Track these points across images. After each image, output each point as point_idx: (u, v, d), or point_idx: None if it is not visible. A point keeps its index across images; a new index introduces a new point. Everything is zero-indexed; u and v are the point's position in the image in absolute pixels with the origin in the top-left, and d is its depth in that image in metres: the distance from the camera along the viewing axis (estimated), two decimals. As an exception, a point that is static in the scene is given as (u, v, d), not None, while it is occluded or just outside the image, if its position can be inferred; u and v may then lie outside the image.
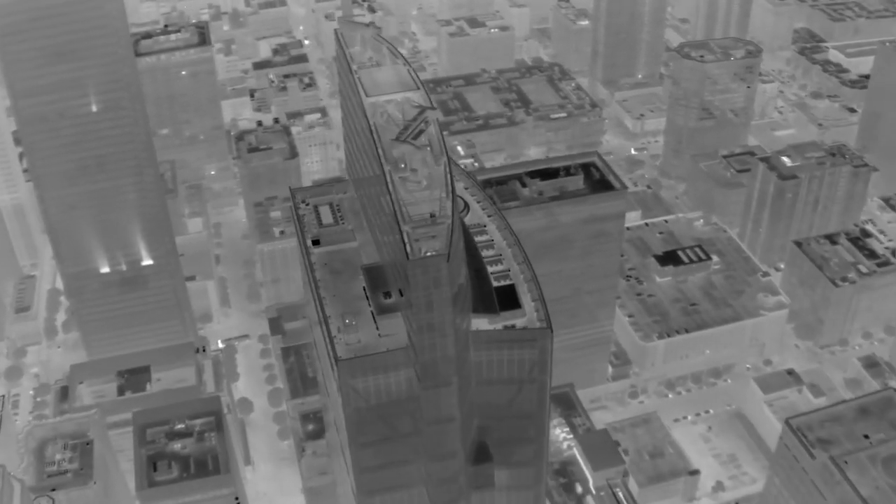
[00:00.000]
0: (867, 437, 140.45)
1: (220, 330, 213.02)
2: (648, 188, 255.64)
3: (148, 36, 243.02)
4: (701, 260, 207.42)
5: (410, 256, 79.48)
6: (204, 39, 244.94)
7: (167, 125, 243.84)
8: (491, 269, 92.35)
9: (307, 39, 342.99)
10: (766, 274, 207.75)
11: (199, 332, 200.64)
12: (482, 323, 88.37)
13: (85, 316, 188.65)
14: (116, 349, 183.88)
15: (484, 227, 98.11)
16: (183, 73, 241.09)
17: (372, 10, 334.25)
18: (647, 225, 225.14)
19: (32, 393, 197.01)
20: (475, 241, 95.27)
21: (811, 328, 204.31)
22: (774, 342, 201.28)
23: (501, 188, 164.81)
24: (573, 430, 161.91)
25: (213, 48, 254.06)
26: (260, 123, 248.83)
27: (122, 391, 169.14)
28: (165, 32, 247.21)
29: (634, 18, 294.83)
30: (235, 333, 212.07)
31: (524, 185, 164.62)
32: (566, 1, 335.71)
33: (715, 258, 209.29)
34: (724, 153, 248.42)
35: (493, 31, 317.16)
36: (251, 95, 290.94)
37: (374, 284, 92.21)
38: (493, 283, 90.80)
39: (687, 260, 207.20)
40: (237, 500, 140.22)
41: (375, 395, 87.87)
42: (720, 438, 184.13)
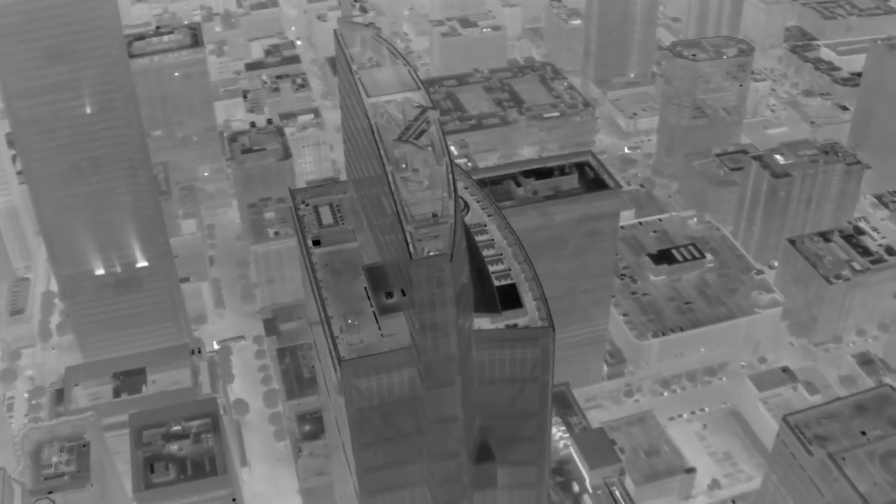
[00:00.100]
0: (864, 433, 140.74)
1: (214, 331, 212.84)
2: (642, 187, 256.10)
3: (141, 37, 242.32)
4: (695, 258, 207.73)
5: (414, 256, 79.49)
6: (197, 41, 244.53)
7: (160, 127, 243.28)
8: (492, 268, 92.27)
9: (299, 40, 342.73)
10: (759, 272, 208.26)
11: (193, 333, 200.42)
12: (484, 322, 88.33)
13: (80, 318, 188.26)
14: (111, 351, 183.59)
15: (484, 226, 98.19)
16: (176, 74, 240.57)
17: (364, 10, 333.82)
18: (640, 224, 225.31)
19: (27, 395, 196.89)
20: (476, 240, 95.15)
21: (805, 326, 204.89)
22: (769, 340, 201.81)
23: (496, 188, 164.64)
24: (569, 429, 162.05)
25: (205, 49, 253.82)
26: (253, 124, 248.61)
27: (117, 393, 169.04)
28: (158, 34, 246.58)
29: (626, 18, 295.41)
30: (230, 335, 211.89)
31: (519, 184, 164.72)
32: (558, 0, 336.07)
33: (709, 256, 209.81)
34: (716, 152, 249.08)
35: (485, 30, 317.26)
36: (244, 96, 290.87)
37: (375, 284, 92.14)
38: (494, 282, 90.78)
39: (681, 258, 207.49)
40: (234, 501, 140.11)
41: (378, 394, 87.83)
42: (715, 436, 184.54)
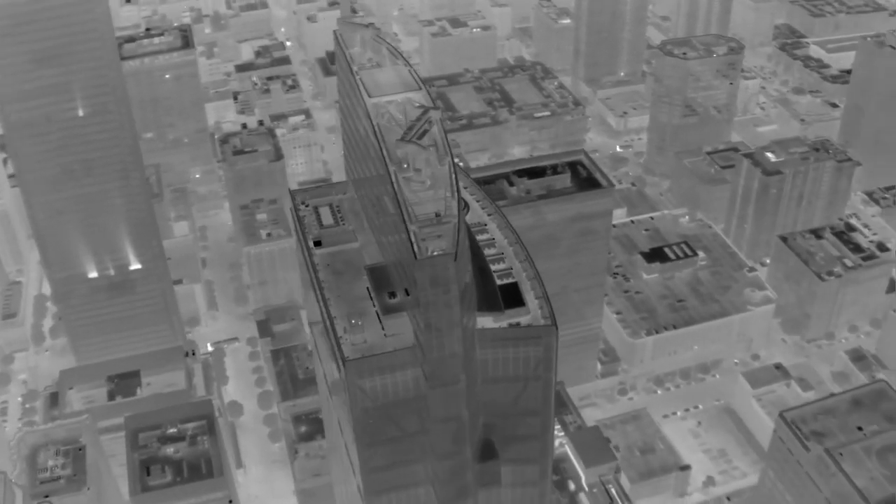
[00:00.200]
0: (861, 429, 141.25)
1: (207, 333, 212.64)
2: (633, 185, 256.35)
3: (131, 39, 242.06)
4: (687, 256, 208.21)
5: (418, 256, 79.57)
6: (187, 42, 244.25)
7: (151, 129, 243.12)
8: (493, 267, 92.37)
9: (289, 41, 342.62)
10: (752, 269, 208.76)
11: (187, 335, 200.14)
12: (487, 321, 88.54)
13: (73, 321, 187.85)
14: (105, 354, 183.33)
15: (485, 225, 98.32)
16: (167, 76, 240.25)
17: (353, 10, 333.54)
18: (632, 222, 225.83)
19: (21, 399, 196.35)
20: (477, 239, 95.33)
21: (798, 322, 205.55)
22: (762, 337, 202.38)
23: (489, 187, 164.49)
24: (564, 427, 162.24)
25: (196, 51, 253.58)
26: (244, 126, 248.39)
27: (112, 396, 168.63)
28: (149, 36, 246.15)
29: (616, 17, 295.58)
30: (223, 336, 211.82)
31: (512, 184, 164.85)
32: (547, 0, 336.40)
33: (701, 254, 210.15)
34: (707, 150, 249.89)
35: (475, 30, 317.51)
36: (234, 98, 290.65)
37: (378, 284, 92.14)
38: (496, 281, 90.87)
39: (673, 256, 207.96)
40: (231, 503, 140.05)
41: (383, 394, 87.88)
42: (710, 433, 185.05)
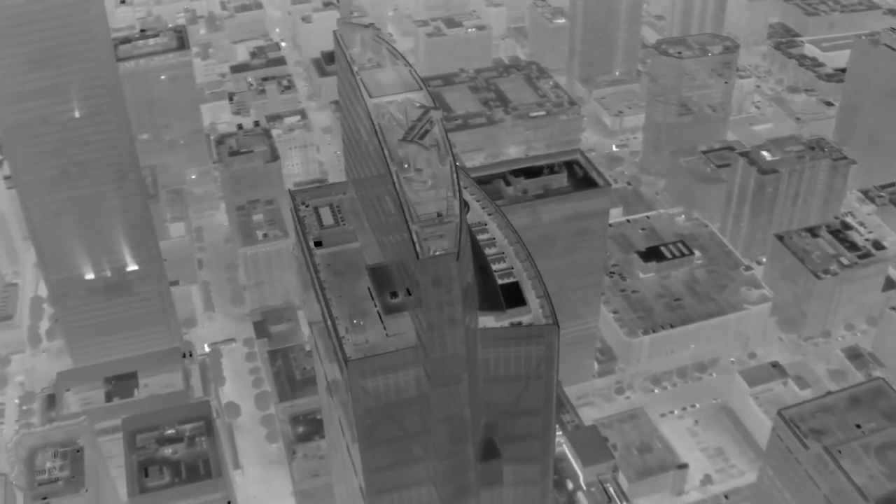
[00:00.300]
0: (859, 426, 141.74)
1: (204, 334, 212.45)
2: (629, 185, 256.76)
3: (126, 41, 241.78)
4: (683, 255, 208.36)
5: (420, 256, 79.64)
6: (183, 43, 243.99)
7: (147, 130, 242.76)
8: (494, 266, 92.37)
9: (284, 42, 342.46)
10: (748, 268, 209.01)
11: (183, 336, 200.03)
12: (489, 320, 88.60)
13: (70, 323, 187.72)
14: (102, 356, 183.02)
15: (485, 225, 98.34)
16: (162, 77, 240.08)
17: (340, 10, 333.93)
18: (628, 221, 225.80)
19: (18, 401, 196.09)
20: (477, 239, 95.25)
21: (794, 321, 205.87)
22: (758, 335, 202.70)
23: (485, 187, 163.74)
24: (562, 426, 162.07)
25: (191, 52, 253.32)
26: (240, 127, 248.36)
27: (109, 398, 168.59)
28: (144, 37, 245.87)
29: (611, 16, 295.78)
30: (220, 337, 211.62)
31: (508, 183, 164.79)
32: (542, 0, 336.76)
33: (697, 253, 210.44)
34: (703, 149, 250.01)
35: (470, 30, 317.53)
36: (230, 99, 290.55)
37: (379, 284, 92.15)
38: (497, 280, 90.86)
39: (670, 255, 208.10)
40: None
41: (385, 394, 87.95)
42: (707, 432, 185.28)
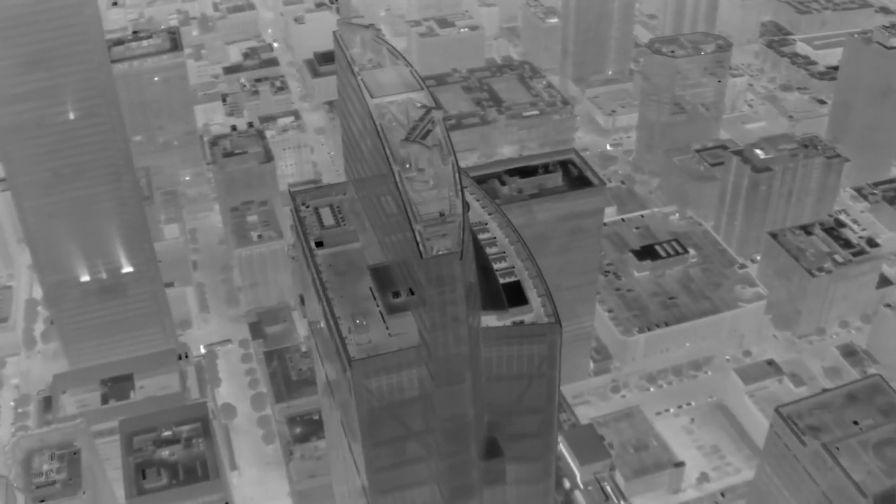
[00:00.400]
0: (857, 423, 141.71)
1: (199, 336, 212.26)
2: (622, 184, 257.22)
3: (120, 42, 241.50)
4: (678, 254, 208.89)
5: (424, 255, 79.67)
6: (176, 45, 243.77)
7: (140, 132, 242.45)
8: (495, 266, 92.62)
9: (276, 43, 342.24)
10: (742, 266, 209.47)
11: (179, 338, 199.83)
12: (491, 319, 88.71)
13: (65, 325, 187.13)
14: (98, 358, 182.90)
15: (485, 224, 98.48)
16: (155, 79, 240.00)
17: (339, 11, 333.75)
18: (623, 220, 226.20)
19: (13, 404, 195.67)
20: (479, 238, 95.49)
21: (789, 318, 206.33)
22: (753, 333, 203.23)
23: (481, 187, 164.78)
24: (559, 425, 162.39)
25: (185, 53, 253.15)
26: (234, 128, 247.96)
27: (105, 400, 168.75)
28: (137, 39, 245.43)
29: (603, 15, 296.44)
30: (215, 339, 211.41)
31: (503, 183, 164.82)
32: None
33: (692, 252, 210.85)
34: (696, 147, 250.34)
35: (462, 30, 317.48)
36: (223, 100, 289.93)
37: (381, 284, 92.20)
38: (499, 279, 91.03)
39: (664, 254, 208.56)
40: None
41: (388, 394, 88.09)
42: (703, 430, 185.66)
